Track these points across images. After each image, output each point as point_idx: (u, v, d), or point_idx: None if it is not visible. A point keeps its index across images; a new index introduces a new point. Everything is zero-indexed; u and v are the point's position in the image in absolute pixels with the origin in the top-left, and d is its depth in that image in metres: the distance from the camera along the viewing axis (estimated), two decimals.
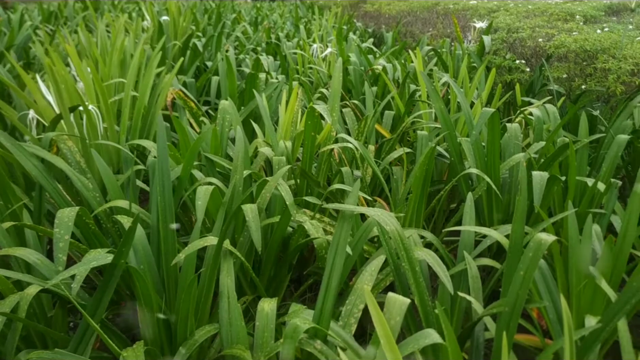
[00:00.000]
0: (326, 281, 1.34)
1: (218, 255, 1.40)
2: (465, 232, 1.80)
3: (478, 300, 1.58)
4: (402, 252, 1.31)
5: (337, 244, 1.36)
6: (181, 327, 1.42)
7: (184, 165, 1.86)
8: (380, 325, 1.05)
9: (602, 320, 1.23)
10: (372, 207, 2.22)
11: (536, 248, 1.25)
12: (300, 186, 2.23)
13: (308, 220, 1.75)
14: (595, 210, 1.97)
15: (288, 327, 1.24)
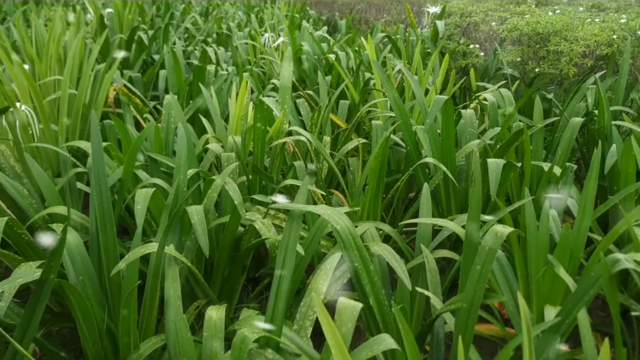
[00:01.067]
0: (276, 287, 1.27)
1: (159, 262, 1.31)
2: (422, 224, 1.75)
3: (437, 294, 1.53)
4: (355, 252, 1.24)
5: (287, 247, 1.29)
6: (124, 340, 1.32)
7: (124, 166, 1.75)
8: (330, 334, 0.98)
9: (562, 313, 1.19)
10: (325, 202, 2.16)
11: (492, 241, 1.21)
12: (253, 182, 2.14)
13: (259, 219, 1.67)
14: (551, 195, 1.95)
15: (236, 338, 1.16)
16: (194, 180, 1.94)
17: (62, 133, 2.16)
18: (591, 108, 2.54)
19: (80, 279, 1.46)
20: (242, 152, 2.13)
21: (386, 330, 1.25)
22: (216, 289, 1.86)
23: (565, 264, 1.50)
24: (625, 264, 1.20)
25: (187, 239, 1.65)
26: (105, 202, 1.51)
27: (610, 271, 1.08)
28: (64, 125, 2.16)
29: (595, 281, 1.15)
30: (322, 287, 1.46)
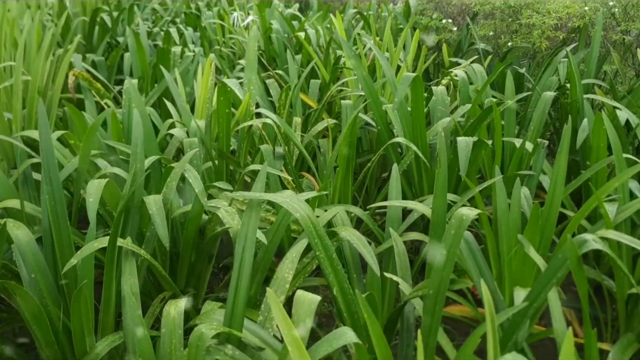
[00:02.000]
0: (235, 279, 1.21)
1: (112, 256, 1.24)
2: (392, 207, 1.70)
3: (406, 278, 1.49)
4: (316, 240, 1.19)
5: (245, 236, 1.23)
6: (78, 340, 1.26)
7: (80, 154, 1.67)
8: (287, 330, 0.93)
9: (531, 294, 1.16)
10: (296, 186, 2.10)
11: (458, 225, 1.16)
12: (220, 168, 2.08)
13: (224, 207, 1.60)
14: (523, 172, 1.92)
15: (192, 336, 1.11)
16: (157, 169, 1.87)
17: (17, 122, 2.06)
18: (563, 82, 2.50)
19: (32, 277, 1.39)
20: (207, 136, 2.05)
21: (352, 320, 1.21)
22: (182, 279, 1.80)
23: (536, 243, 1.47)
24: (593, 244, 1.16)
25: (148, 229, 1.58)
26: (57, 195, 1.43)
27: (578, 253, 1.04)
28: (18, 113, 2.06)
29: (563, 262, 1.12)
30: (288, 276, 1.41)
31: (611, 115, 2.17)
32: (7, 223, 1.43)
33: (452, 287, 1.28)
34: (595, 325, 1.92)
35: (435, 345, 1.23)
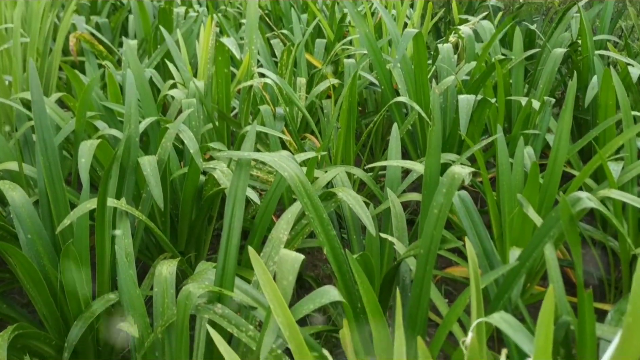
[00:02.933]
0: (226, 237, 1.21)
1: (103, 216, 1.24)
2: (391, 168, 1.68)
3: (403, 239, 1.48)
4: (306, 200, 1.17)
5: (235, 196, 1.21)
6: (72, 298, 1.28)
7: (76, 116, 1.66)
8: (269, 288, 0.92)
9: (525, 252, 1.13)
10: (298, 148, 2.07)
11: (449, 183, 1.13)
12: (220, 129, 2.06)
13: (220, 168, 1.59)
14: (528, 132, 1.87)
15: (180, 294, 1.11)
16: (157, 131, 1.85)
17: (17, 85, 2.05)
18: (575, 38, 2.42)
19: (29, 238, 1.40)
20: (206, 97, 2.03)
21: (343, 280, 1.20)
22: (183, 240, 1.81)
23: (535, 203, 1.43)
24: (587, 202, 1.13)
25: (144, 191, 1.58)
26: (52, 155, 1.43)
27: (571, 211, 1.01)
28: (18, 76, 2.05)
29: (557, 221, 1.09)
30: (283, 236, 1.40)
31: (623, 72, 2.10)
32: (2, 184, 1.44)
33: (444, 246, 1.26)
34: (600, 287, 1.90)
35: (428, 304, 1.22)
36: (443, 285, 1.90)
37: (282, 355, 1.15)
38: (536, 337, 0.72)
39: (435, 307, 1.78)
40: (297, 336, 0.89)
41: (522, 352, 1.23)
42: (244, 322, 1.15)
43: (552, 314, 0.71)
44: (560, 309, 1.25)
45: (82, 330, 1.27)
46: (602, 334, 1.30)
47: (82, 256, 1.35)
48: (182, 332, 1.10)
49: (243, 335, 1.14)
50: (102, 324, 1.43)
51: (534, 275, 1.66)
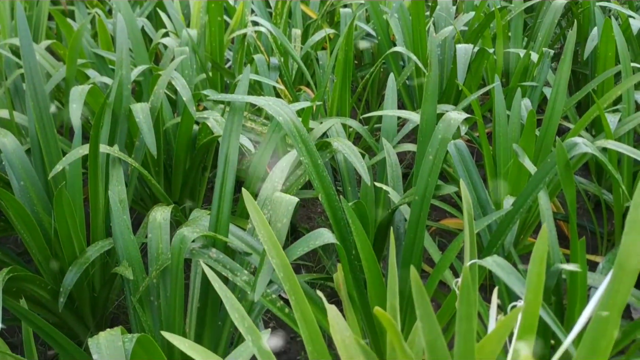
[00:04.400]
0: (220, 183, 1.20)
1: (95, 162, 1.23)
2: (387, 118, 1.66)
3: (397, 188, 1.47)
4: (301, 145, 1.16)
5: (229, 142, 1.20)
6: (66, 244, 1.28)
7: (67, 63, 1.63)
8: (263, 229, 0.92)
9: (519, 199, 1.13)
10: (293, 99, 2.05)
11: (445, 129, 1.12)
12: (214, 79, 2.03)
13: (213, 116, 1.57)
14: (526, 84, 1.85)
15: (174, 238, 1.11)
16: (149, 79, 1.82)
17: (5, 33, 2.00)
18: None
19: (22, 184, 1.39)
20: (199, 47, 1.99)
21: (338, 227, 1.20)
22: (177, 190, 1.80)
23: (531, 152, 1.43)
24: (583, 148, 1.12)
25: (137, 139, 1.56)
26: (42, 101, 1.41)
27: (566, 156, 1.01)
28: (5, 23, 2.00)
29: (552, 167, 1.08)
30: (278, 185, 1.40)
31: (624, 24, 2.07)
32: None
33: (439, 193, 1.26)
34: (593, 240, 1.92)
35: (422, 252, 1.23)
36: (437, 238, 1.92)
37: (277, 300, 1.16)
38: (528, 275, 0.73)
39: (429, 260, 1.80)
40: (291, 277, 0.90)
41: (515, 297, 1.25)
42: (239, 266, 1.15)
43: (545, 252, 0.71)
44: (553, 258, 1.27)
45: (77, 275, 1.27)
46: (593, 283, 1.32)
47: (76, 202, 1.34)
48: (177, 276, 1.11)
49: (238, 279, 1.14)
50: (98, 270, 1.44)
51: (527, 227, 1.67)
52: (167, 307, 1.15)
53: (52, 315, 1.42)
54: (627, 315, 1.62)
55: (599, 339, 0.73)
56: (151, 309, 1.20)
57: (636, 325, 1.17)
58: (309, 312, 0.90)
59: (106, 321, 1.54)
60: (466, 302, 0.59)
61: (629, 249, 0.75)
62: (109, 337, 0.86)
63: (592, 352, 0.73)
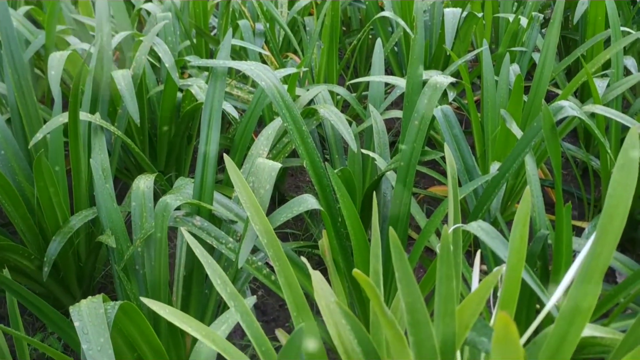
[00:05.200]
0: (203, 150, 1.18)
1: (75, 128, 1.20)
2: (374, 84, 1.64)
3: (384, 155, 1.46)
4: (284, 111, 1.14)
5: (211, 107, 1.18)
6: (48, 213, 1.26)
7: (46, 29, 1.59)
8: (245, 196, 0.91)
9: (505, 164, 1.12)
10: (279, 65, 2.02)
11: (431, 93, 1.10)
12: (198, 46, 1.99)
13: (197, 83, 1.55)
14: (515, 49, 1.83)
15: (157, 206, 1.10)
16: (130, 45, 1.78)
17: None
18: None
19: (2, 154, 1.37)
20: (183, 13, 1.94)
21: (323, 194, 1.19)
22: (162, 159, 1.78)
23: (519, 118, 1.42)
24: (569, 111, 1.11)
25: (120, 107, 1.53)
26: (20, 69, 1.37)
27: (552, 120, 1.00)
28: None
29: (538, 130, 1.07)
30: (263, 152, 1.38)
31: None
32: None
33: (424, 158, 1.25)
34: (580, 206, 1.92)
35: (408, 218, 1.22)
36: (425, 205, 1.92)
37: (263, 267, 1.16)
38: (511, 238, 0.72)
39: (417, 227, 1.81)
40: (274, 243, 0.89)
41: (501, 263, 1.26)
42: (224, 234, 1.14)
43: (527, 215, 0.71)
44: (539, 224, 1.27)
45: (61, 245, 1.26)
46: (578, 248, 1.32)
47: (58, 171, 1.32)
48: (161, 244, 1.10)
49: (223, 247, 1.14)
50: (83, 240, 1.42)
51: (515, 194, 1.67)
52: (152, 276, 1.14)
53: (37, 286, 1.41)
54: (612, 280, 1.64)
55: (581, 301, 0.73)
56: (136, 277, 1.19)
57: (620, 288, 1.17)
58: (293, 278, 0.90)
59: (93, 290, 1.54)
60: (446, 264, 0.58)
61: (612, 212, 0.74)
62: (91, 304, 0.86)
63: (574, 314, 0.73)
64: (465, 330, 0.62)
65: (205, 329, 0.77)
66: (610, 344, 0.91)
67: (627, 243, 1.75)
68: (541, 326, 1.09)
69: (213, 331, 0.77)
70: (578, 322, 0.73)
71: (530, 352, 0.83)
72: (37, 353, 1.41)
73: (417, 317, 0.58)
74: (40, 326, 1.52)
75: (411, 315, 0.58)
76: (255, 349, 0.85)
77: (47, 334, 1.47)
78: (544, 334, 0.84)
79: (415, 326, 0.58)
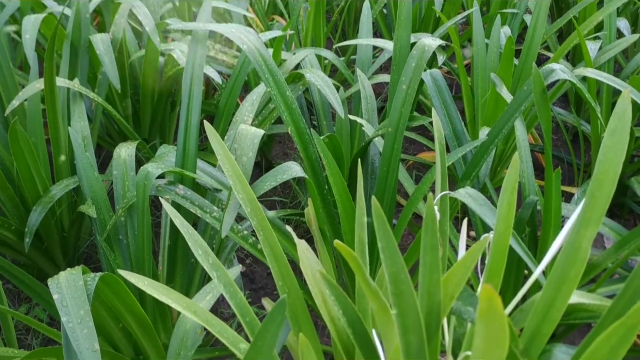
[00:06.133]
0: (185, 116, 1.15)
1: (52, 95, 1.16)
2: (362, 48, 1.60)
3: (372, 121, 1.43)
4: (267, 75, 1.11)
5: (192, 72, 1.14)
6: (27, 182, 1.23)
7: None
8: (227, 164, 0.88)
9: (495, 128, 1.10)
10: (265, 28, 1.96)
11: (419, 56, 1.07)
12: (181, 10, 1.92)
13: (179, 47, 1.50)
14: (506, 11, 1.78)
15: (138, 175, 1.07)
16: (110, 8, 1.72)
17: None
18: None
19: None
20: None
21: (309, 162, 1.16)
22: (146, 127, 1.74)
23: (509, 83, 1.39)
24: (560, 74, 1.08)
25: (100, 72, 1.49)
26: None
27: (543, 83, 0.97)
28: None
29: (528, 94, 1.05)
30: (248, 119, 1.35)
31: None
32: None
33: (412, 124, 1.22)
34: (570, 172, 1.91)
35: (396, 185, 1.20)
36: (414, 172, 1.90)
37: (249, 236, 1.13)
38: (499, 205, 0.70)
39: (406, 194, 1.79)
40: (258, 212, 0.87)
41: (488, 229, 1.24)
42: (208, 203, 1.12)
43: (516, 181, 0.69)
44: (528, 190, 1.25)
45: (42, 215, 1.23)
46: (567, 214, 1.31)
47: (37, 140, 1.28)
48: (143, 214, 1.07)
49: (207, 216, 1.11)
50: (65, 210, 1.40)
51: (505, 160, 1.66)
52: (135, 246, 1.12)
53: (21, 257, 1.39)
54: (600, 245, 1.64)
55: (569, 268, 0.72)
56: (120, 248, 1.17)
57: (607, 254, 1.17)
58: (278, 247, 0.88)
59: (78, 261, 1.52)
60: (431, 233, 0.57)
61: (601, 178, 0.73)
62: (70, 276, 0.84)
63: (561, 281, 0.72)
64: (450, 300, 0.61)
65: (186, 300, 0.75)
66: (597, 309, 0.91)
67: (616, 208, 1.75)
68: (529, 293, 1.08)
69: (194, 303, 0.76)
70: (565, 289, 0.72)
71: (518, 320, 0.82)
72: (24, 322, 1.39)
73: (400, 287, 0.56)
74: (26, 297, 1.50)
75: (395, 285, 0.56)
76: (240, 319, 0.83)
77: (33, 305, 1.46)
78: (531, 302, 0.83)
79: (399, 296, 0.57)
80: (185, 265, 1.23)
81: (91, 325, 0.79)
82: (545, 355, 0.82)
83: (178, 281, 1.23)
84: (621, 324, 0.59)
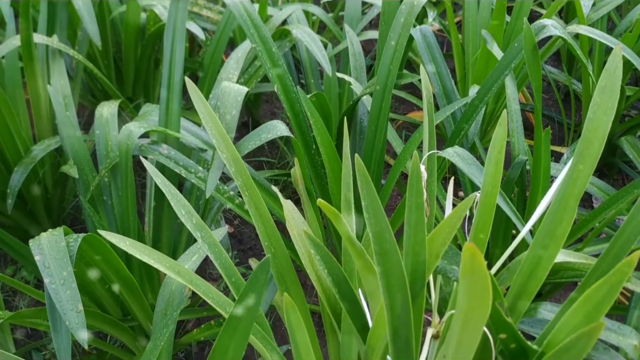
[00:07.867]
0: (167, 74, 1.11)
1: (29, 52, 1.12)
2: (350, 3, 1.56)
3: (361, 79, 1.40)
4: (252, 30, 1.07)
5: (174, 29, 1.10)
6: (9, 144, 1.20)
7: None
8: (211, 123, 0.86)
9: (484, 86, 1.08)
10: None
11: (408, 11, 1.04)
12: None
13: (161, 4, 1.45)
14: None
15: (121, 134, 1.04)
16: None
17: None
18: None
19: None
20: None
21: (296, 121, 1.14)
22: (129, 85, 1.70)
23: (500, 41, 1.36)
24: (552, 30, 1.06)
25: (80, 29, 1.44)
26: None
27: (534, 39, 0.95)
28: None
29: (519, 51, 1.02)
30: (233, 76, 1.32)
31: None
32: None
33: (401, 82, 1.20)
34: (560, 132, 1.90)
35: (384, 144, 1.19)
36: (404, 131, 1.88)
37: (235, 197, 1.12)
38: (486, 163, 0.69)
39: (394, 154, 1.77)
40: (243, 172, 0.85)
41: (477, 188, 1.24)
42: (193, 163, 1.10)
43: (504, 139, 0.67)
44: (517, 149, 1.24)
45: (24, 175, 1.21)
46: (556, 173, 1.31)
47: (16, 99, 1.25)
48: (126, 174, 1.06)
49: (192, 176, 1.09)
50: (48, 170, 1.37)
51: (494, 119, 1.64)
52: (120, 207, 1.10)
53: (5, 219, 1.37)
54: (588, 204, 1.64)
55: (556, 226, 0.71)
56: (105, 209, 1.16)
57: (595, 213, 1.17)
58: (264, 207, 0.87)
59: (64, 222, 1.50)
60: (416, 193, 0.55)
61: (590, 136, 0.71)
62: (52, 237, 0.82)
63: (548, 240, 0.72)
64: (436, 259, 0.60)
65: (169, 261, 0.74)
66: (583, 268, 0.91)
67: (605, 167, 1.74)
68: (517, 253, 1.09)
69: (178, 263, 0.75)
70: (552, 248, 0.72)
71: (504, 278, 0.82)
72: None
73: (385, 246, 0.55)
74: (12, 258, 1.49)
75: (379, 245, 0.55)
76: (225, 279, 0.83)
77: (19, 267, 1.45)
78: (518, 260, 0.83)
79: (383, 256, 0.56)
80: (172, 226, 1.22)
81: (74, 286, 0.78)
82: (530, 313, 0.82)
83: (165, 243, 1.22)
84: (605, 282, 0.58)
